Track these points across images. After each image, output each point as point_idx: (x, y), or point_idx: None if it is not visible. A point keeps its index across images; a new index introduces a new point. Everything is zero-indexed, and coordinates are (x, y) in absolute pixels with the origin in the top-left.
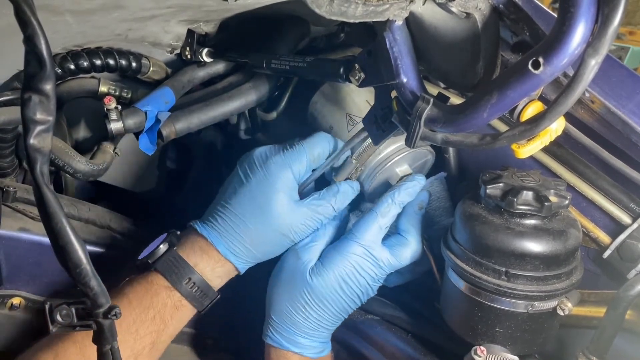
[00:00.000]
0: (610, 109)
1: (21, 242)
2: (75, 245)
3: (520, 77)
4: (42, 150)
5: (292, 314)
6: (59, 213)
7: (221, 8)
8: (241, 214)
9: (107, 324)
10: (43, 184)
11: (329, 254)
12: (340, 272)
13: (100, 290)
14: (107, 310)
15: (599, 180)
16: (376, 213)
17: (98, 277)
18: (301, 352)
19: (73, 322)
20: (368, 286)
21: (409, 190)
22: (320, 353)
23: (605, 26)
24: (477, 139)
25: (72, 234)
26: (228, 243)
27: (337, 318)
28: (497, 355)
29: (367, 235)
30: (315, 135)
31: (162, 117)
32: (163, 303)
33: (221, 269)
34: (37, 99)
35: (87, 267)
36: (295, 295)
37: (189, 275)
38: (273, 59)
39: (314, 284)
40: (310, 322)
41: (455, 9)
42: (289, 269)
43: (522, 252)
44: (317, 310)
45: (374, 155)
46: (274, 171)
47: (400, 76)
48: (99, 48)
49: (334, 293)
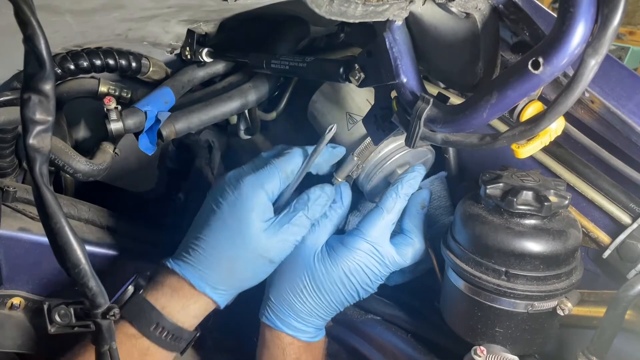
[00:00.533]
0: (610, 109)
1: (21, 242)
2: (74, 245)
3: (520, 77)
4: (41, 150)
5: (289, 297)
6: (58, 213)
7: (221, 8)
8: (215, 242)
9: (105, 325)
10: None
11: (335, 246)
12: (344, 266)
13: (99, 290)
14: (105, 311)
15: (599, 180)
16: (382, 209)
17: (97, 278)
18: (294, 335)
19: (71, 322)
20: (370, 283)
21: (411, 182)
22: (313, 338)
23: (605, 26)
24: (477, 139)
25: (71, 234)
26: (202, 274)
27: (333, 309)
28: (497, 355)
29: (374, 231)
30: (288, 152)
31: (162, 117)
32: (128, 352)
33: (195, 305)
34: (37, 99)
35: (85, 267)
36: (295, 279)
37: (157, 320)
38: (273, 59)
39: (315, 271)
40: (306, 307)
41: (455, 9)
42: (292, 254)
43: (522, 252)
44: (314, 297)
45: (374, 154)
46: (245, 193)
47: (400, 76)
48: (98, 48)
49: (334, 285)
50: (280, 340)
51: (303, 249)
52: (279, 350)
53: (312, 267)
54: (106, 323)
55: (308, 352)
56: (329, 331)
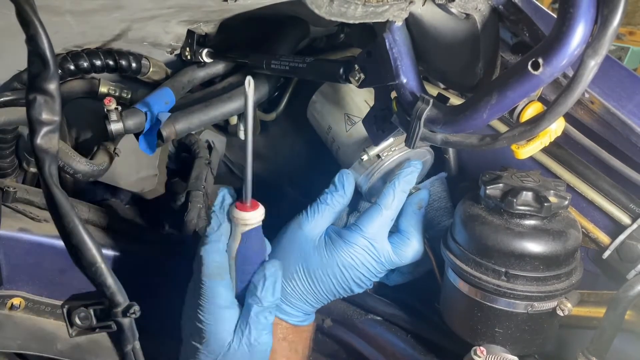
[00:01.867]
0: (610, 110)
1: (21, 242)
2: (88, 244)
3: (519, 78)
4: (49, 151)
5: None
6: (70, 212)
7: (221, 9)
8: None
9: (126, 323)
10: (52, 184)
11: (333, 238)
12: (339, 259)
13: (117, 288)
14: (125, 309)
15: (599, 180)
16: (380, 206)
17: (114, 275)
18: (283, 318)
19: (92, 324)
20: (363, 278)
21: (408, 178)
22: (302, 322)
23: (605, 27)
24: (476, 140)
25: (85, 233)
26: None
27: (323, 298)
28: (496, 355)
29: (371, 228)
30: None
31: (162, 117)
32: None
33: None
34: (42, 100)
35: (102, 266)
36: (289, 264)
37: None
38: (273, 59)
39: (310, 259)
40: (296, 292)
41: (455, 10)
42: (289, 237)
43: (522, 253)
44: (305, 284)
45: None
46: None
47: (400, 77)
48: (99, 48)
49: (327, 276)
50: None
51: (301, 235)
52: None
53: (307, 254)
54: (127, 321)
55: (295, 334)
56: (329, 331)
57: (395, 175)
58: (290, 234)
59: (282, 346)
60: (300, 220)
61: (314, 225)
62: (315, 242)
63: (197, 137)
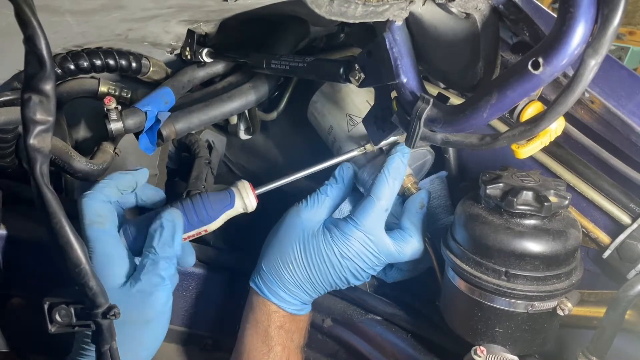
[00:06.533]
0: (610, 109)
1: (21, 242)
2: (74, 245)
3: (520, 78)
4: (42, 150)
5: (279, 267)
6: (58, 213)
7: (221, 8)
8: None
9: (105, 324)
10: (43, 184)
11: (331, 229)
12: (336, 250)
13: (99, 290)
14: (105, 310)
15: (599, 180)
16: (372, 197)
17: (97, 277)
18: (280, 305)
19: (72, 322)
20: (360, 271)
21: (396, 164)
22: (299, 311)
23: (605, 26)
24: (476, 139)
25: (72, 234)
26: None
27: (320, 287)
28: (497, 355)
29: (367, 221)
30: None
31: (162, 117)
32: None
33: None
34: (37, 99)
35: (86, 267)
36: (287, 250)
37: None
38: (273, 59)
39: (308, 246)
40: (294, 279)
41: (455, 10)
42: (288, 224)
43: (522, 252)
44: (302, 271)
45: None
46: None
47: (400, 76)
48: (99, 48)
49: (324, 264)
50: (266, 307)
51: (299, 222)
52: (265, 316)
53: (305, 241)
54: (106, 323)
55: (292, 323)
56: (329, 331)
57: (384, 165)
58: (289, 220)
59: (279, 334)
60: (299, 209)
61: (313, 214)
62: (313, 230)
63: (197, 136)
